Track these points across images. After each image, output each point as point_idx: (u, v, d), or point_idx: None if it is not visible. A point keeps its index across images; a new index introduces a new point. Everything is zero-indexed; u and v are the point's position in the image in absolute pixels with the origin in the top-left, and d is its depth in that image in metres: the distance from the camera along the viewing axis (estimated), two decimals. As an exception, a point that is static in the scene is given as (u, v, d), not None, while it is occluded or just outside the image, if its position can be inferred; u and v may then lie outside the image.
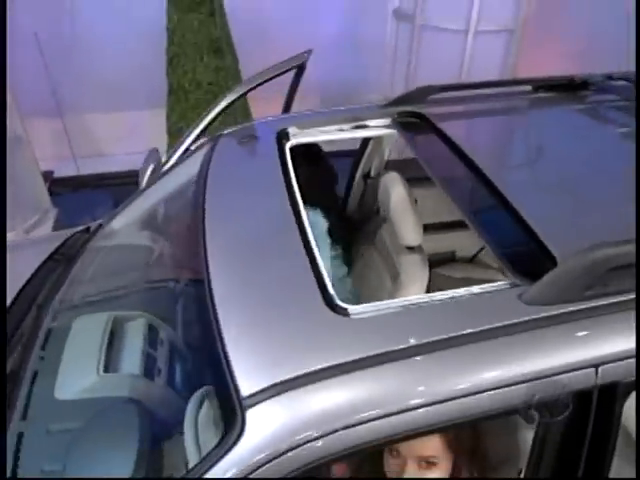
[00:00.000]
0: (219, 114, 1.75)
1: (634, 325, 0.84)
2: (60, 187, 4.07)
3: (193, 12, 2.96)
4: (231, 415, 0.80)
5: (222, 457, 0.78)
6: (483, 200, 1.13)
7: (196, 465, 0.82)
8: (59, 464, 1.17)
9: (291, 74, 1.85)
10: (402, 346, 0.82)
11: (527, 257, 0.96)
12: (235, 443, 0.78)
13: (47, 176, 3.87)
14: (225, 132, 1.68)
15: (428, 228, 1.80)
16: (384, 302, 0.93)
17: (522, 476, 0.92)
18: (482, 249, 2.25)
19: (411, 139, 1.48)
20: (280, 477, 0.78)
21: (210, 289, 0.98)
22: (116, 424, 1.22)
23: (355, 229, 2.19)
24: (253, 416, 0.78)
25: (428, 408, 0.79)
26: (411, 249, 1.79)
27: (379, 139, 1.86)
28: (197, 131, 1.79)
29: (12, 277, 1.53)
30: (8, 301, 1.59)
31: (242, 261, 1.05)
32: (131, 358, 1.42)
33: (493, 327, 0.83)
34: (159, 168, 1.95)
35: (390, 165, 2.02)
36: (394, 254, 1.91)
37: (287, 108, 1.93)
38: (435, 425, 0.81)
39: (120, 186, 4.09)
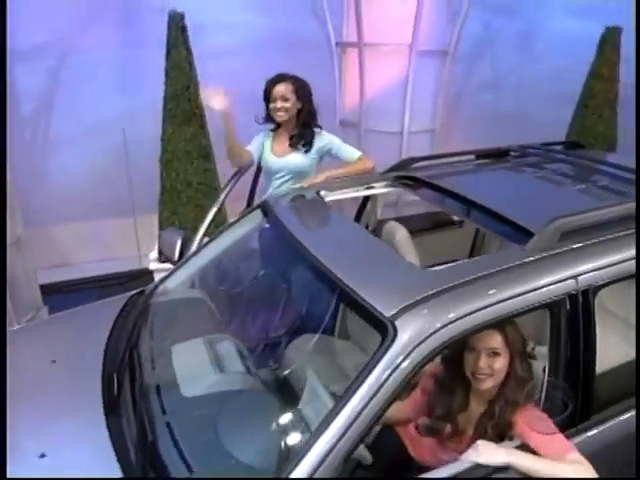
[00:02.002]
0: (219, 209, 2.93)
1: (591, 257, 1.51)
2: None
3: (186, 125, 3.60)
4: (384, 328, 1.30)
5: (385, 352, 1.27)
6: (482, 213, 1.82)
7: (366, 365, 1.29)
8: (212, 434, 1.51)
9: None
10: (471, 277, 1.41)
11: (517, 233, 1.62)
12: (392, 343, 1.27)
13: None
14: (266, 201, 2.26)
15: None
16: (447, 265, 1.52)
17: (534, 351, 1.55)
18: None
19: (413, 191, 2.17)
20: (422, 358, 1.28)
21: (337, 277, 1.49)
22: (250, 403, 1.62)
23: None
24: (400, 324, 1.29)
25: (494, 306, 1.36)
26: (412, 277, 2.40)
27: (374, 200, 2.53)
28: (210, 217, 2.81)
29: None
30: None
31: (348, 259, 1.60)
32: (232, 365, 1.82)
33: (520, 263, 1.46)
34: (188, 240, 2.50)
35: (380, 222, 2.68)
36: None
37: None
38: (497, 318, 1.37)
39: (99, 288, 4.39)
